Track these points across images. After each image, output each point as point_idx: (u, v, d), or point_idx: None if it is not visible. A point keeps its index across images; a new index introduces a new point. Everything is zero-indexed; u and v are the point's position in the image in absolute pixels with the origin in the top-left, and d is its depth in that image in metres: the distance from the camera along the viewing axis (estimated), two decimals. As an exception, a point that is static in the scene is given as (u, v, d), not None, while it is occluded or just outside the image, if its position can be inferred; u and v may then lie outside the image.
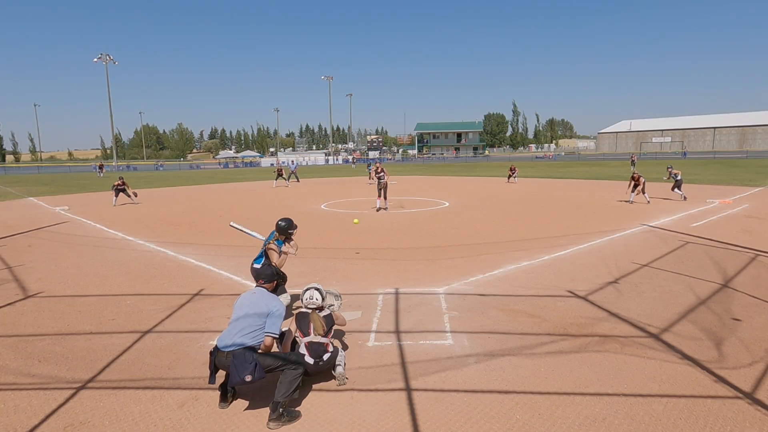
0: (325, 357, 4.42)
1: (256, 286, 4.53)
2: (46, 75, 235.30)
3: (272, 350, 4.16)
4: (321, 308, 4.70)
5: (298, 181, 34.67)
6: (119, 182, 20.46)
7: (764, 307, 6.24)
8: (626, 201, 17.70)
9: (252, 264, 6.18)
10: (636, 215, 14.50)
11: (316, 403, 4.11)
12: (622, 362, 4.73)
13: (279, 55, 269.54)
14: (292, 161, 50.82)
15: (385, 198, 16.96)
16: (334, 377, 4.48)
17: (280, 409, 3.78)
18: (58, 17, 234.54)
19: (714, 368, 4.57)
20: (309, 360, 4.33)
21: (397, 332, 5.64)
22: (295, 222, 6.20)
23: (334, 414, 3.93)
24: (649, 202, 17.25)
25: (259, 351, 4.06)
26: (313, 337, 4.46)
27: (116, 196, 20.17)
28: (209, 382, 4.03)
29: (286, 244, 6.14)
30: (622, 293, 6.93)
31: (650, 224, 12.77)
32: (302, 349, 4.43)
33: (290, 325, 4.68)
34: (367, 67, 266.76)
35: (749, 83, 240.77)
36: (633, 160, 43.58)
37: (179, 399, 4.18)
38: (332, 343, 4.57)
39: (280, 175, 31.86)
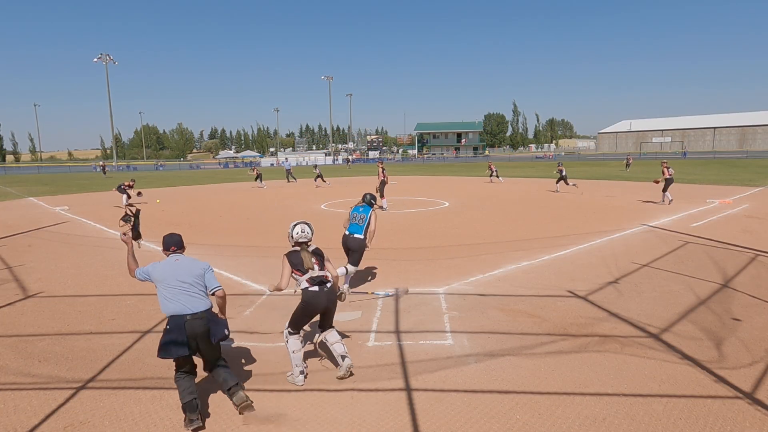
0: (329, 285, 4.46)
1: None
2: (46, 75, 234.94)
3: (225, 304, 4.31)
4: (310, 241, 4.61)
5: (295, 180, 34.28)
6: (129, 182, 19.89)
7: (764, 307, 6.24)
8: (657, 203, 17.11)
9: (350, 234, 7.15)
10: (636, 215, 14.51)
11: (316, 403, 4.11)
12: (622, 362, 4.73)
13: (279, 55, 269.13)
14: (286, 159, 50.09)
15: (381, 197, 17.16)
16: (338, 365, 4.52)
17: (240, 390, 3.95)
18: (58, 17, 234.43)
19: (714, 368, 4.57)
20: (315, 288, 4.40)
21: (397, 332, 5.64)
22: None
23: (334, 414, 3.93)
24: (670, 202, 16.68)
25: (218, 305, 4.23)
26: (311, 273, 4.45)
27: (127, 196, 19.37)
28: (179, 354, 3.90)
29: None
30: (622, 293, 6.93)
31: (650, 224, 12.77)
32: (304, 284, 4.44)
33: (284, 264, 4.53)
34: (367, 67, 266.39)
35: (749, 83, 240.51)
36: (628, 162, 41.58)
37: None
38: (330, 274, 4.56)
39: (258, 177, 30.78)
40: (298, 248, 4.56)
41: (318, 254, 4.57)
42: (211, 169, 74.16)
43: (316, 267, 4.47)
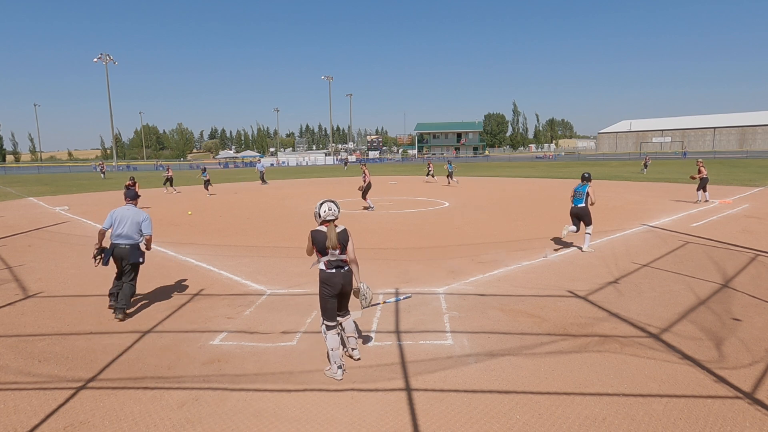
0: (345, 268, 4.61)
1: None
2: (46, 75, 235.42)
3: (151, 243, 6.68)
4: (336, 219, 4.68)
5: (266, 183, 32.56)
6: (130, 182, 19.74)
7: (764, 307, 6.24)
8: (693, 201, 17.27)
9: (576, 205, 9.85)
10: (636, 215, 14.51)
11: (316, 403, 4.11)
12: (622, 362, 4.73)
13: (279, 55, 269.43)
14: (259, 160, 47.16)
15: (364, 198, 17.16)
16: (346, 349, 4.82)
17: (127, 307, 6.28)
18: (58, 17, 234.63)
19: (714, 368, 4.57)
20: (331, 271, 4.54)
21: (397, 332, 5.64)
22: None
23: (334, 414, 3.93)
24: (707, 201, 16.90)
25: (144, 243, 6.56)
26: (330, 256, 4.54)
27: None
28: (103, 264, 6.35)
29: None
30: (622, 293, 6.93)
31: (650, 224, 12.77)
32: (321, 266, 4.58)
33: (309, 240, 4.63)
34: (367, 67, 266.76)
35: (749, 83, 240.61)
36: (646, 162, 37.74)
37: (179, 399, 4.18)
38: (348, 257, 4.64)
39: (168, 180, 27.37)
40: (323, 228, 4.60)
41: (343, 236, 4.61)
42: (211, 169, 73.99)
43: (337, 250, 4.54)
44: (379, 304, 6.65)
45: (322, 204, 4.66)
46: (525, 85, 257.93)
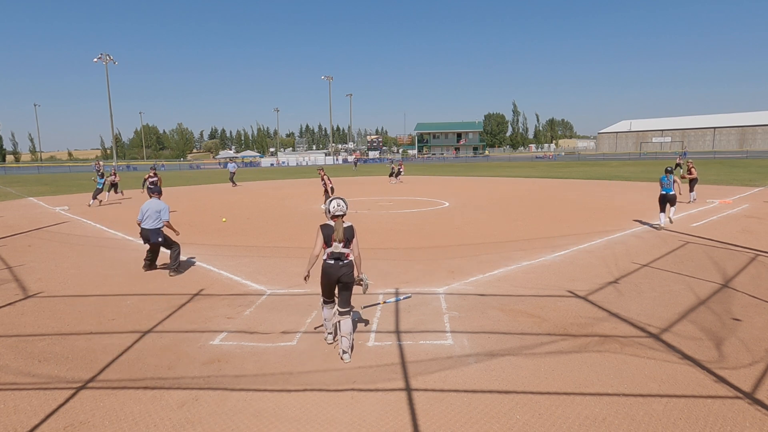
0: (345, 261, 4.92)
1: None
2: (46, 75, 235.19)
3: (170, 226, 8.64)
4: (344, 215, 5.03)
5: (235, 185, 30.93)
6: (151, 173, 18.00)
7: (764, 307, 6.24)
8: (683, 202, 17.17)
9: (665, 193, 11.90)
10: (636, 215, 14.50)
11: (316, 403, 4.11)
12: (622, 362, 4.73)
13: (279, 55, 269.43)
14: (231, 160, 43.19)
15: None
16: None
17: (175, 266, 8.48)
18: (58, 17, 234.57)
19: (714, 368, 4.57)
20: (330, 261, 4.91)
21: (397, 332, 5.64)
22: None
23: (334, 414, 3.93)
24: (694, 200, 17.26)
25: (164, 229, 8.59)
26: (335, 248, 4.89)
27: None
28: (145, 243, 8.66)
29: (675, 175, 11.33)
30: (622, 293, 6.93)
31: (650, 224, 12.77)
32: (324, 257, 4.95)
33: (318, 234, 4.97)
34: (367, 67, 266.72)
35: (749, 83, 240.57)
36: (679, 163, 31.72)
37: (179, 399, 4.18)
38: (351, 254, 5.00)
39: (112, 186, 22.10)
40: (332, 222, 4.97)
41: (349, 231, 4.97)
42: (211, 169, 74.16)
43: (341, 244, 4.89)
44: (379, 304, 6.65)
45: (332, 201, 5.04)
46: (525, 85, 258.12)
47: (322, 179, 18.05)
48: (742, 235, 11.00)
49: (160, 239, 8.44)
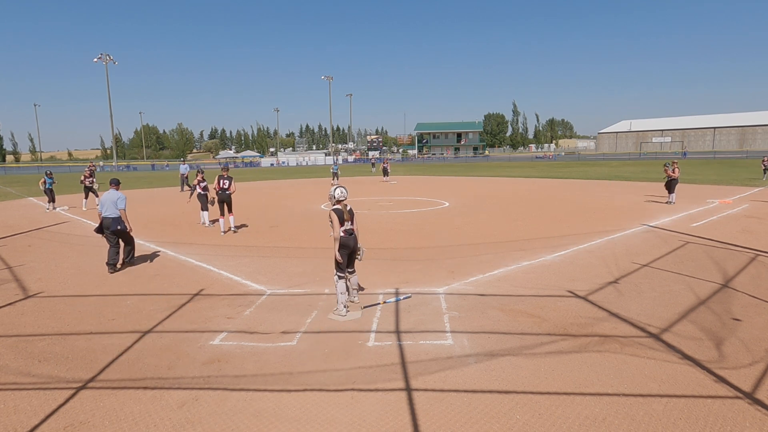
0: (353, 234, 6.28)
1: None
2: (46, 75, 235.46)
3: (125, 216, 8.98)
4: (346, 199, 6.30)
5: (189, 187, 23.25)
6: (200, 177, 15.69)
7: (764, 307, 6.24)
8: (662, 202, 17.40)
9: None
10: (636, 215, 14.51)
11: (316, 403, 4.11)
12: (622, 362, 4.73)
13: (279, 55, 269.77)
14: (183, 161, 37.21)
15: (203, 210, 14.38)
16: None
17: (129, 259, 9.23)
18: (58, 17, 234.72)
19: (714, 368, 4.57)
20: (347, 236, 6.18)
21: (398, 332, 5.64)
22: None
23: (334, 414, 3.92)
24: (671, 203, 17.16)
25: (121, 215, 8.90)
26: (347, 225, 6.19)
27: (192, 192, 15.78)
28: (95, 231, 9.13)
29: None
30: (622, 293, 6.93)
31: (650, 224, 12.77)
32: (340, 233, 6.12)
33: (333, 218, 6.12)
34: (367, 67, 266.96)
35: (749, 83, 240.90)
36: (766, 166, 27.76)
37: (179, 399, 4.18)
38: (355, 227, 6.35)
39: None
40: (339, 206, 6.19)
41: (351, 212, 6.28)
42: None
43: (349, 222, 6.19)
44: (379, 304, 6.65)
45: (336, 188, 6.28)
46: (525, 85, 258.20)
47: (199, 183, 14.98)
48: (742, 235, 11.00)
49: (119, 227, 8.83)
